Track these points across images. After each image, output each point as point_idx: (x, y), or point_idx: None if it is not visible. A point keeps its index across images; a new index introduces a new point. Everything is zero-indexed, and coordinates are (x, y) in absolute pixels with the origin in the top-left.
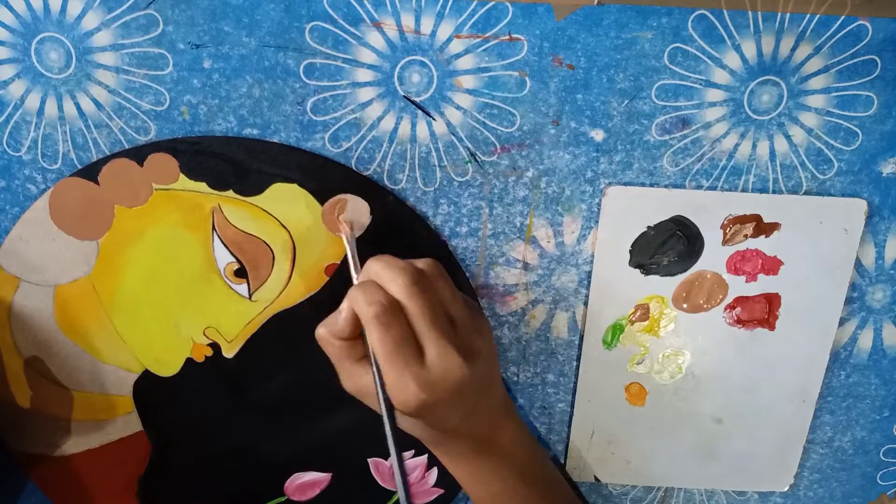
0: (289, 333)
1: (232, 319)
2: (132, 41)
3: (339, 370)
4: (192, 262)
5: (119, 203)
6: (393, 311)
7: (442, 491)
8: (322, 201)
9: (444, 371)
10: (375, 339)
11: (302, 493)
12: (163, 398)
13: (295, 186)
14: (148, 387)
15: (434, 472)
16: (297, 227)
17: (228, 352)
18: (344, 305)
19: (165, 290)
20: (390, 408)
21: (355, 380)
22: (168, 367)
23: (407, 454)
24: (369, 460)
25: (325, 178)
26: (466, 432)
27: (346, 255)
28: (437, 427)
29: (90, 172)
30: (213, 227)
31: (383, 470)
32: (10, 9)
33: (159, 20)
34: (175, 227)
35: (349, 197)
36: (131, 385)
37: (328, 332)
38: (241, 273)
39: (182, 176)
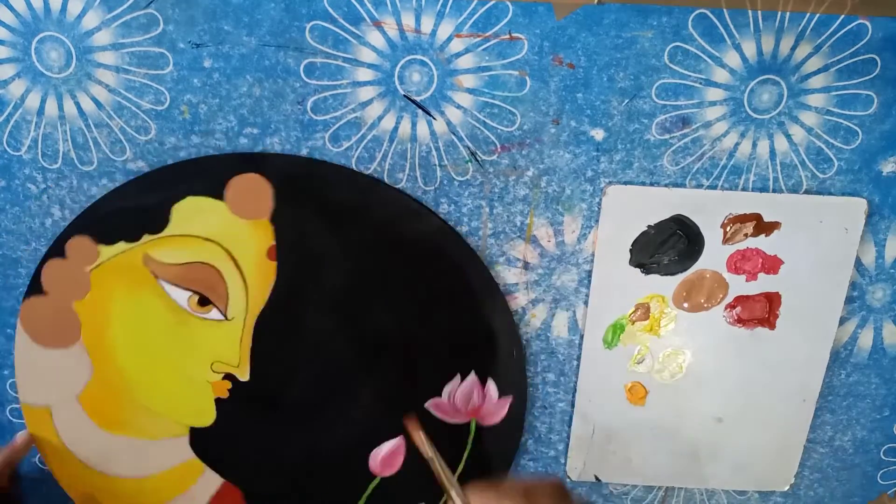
0: (281, 329)
1: (226, 345)
2: (132, 40)
3: None
4: (161, 314)
5: (73, 300)
6: None
7: (511, 398)
8: (218, 194)
9: None
10: None
11: (389, 466)
12: (220, 444)
13: (190, 199)
14: (202, 440)
15: (492, 383)
16: (218, 232)
17: (243, 375)
18: None
19: (157, 350)
20: None
21: None
22: (205, 415)
23: (454, 380)
24: (427, 405)
25: (206, 173)
26: None
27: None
28: None
29: (38, 285)
30: (154, 275)
31: (444, 408)
32: (11, 8)
33: (160, 19)
34: (127, 293)
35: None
36: (188, 448)
37: None
38: (203, 301)
39: (101, 247)
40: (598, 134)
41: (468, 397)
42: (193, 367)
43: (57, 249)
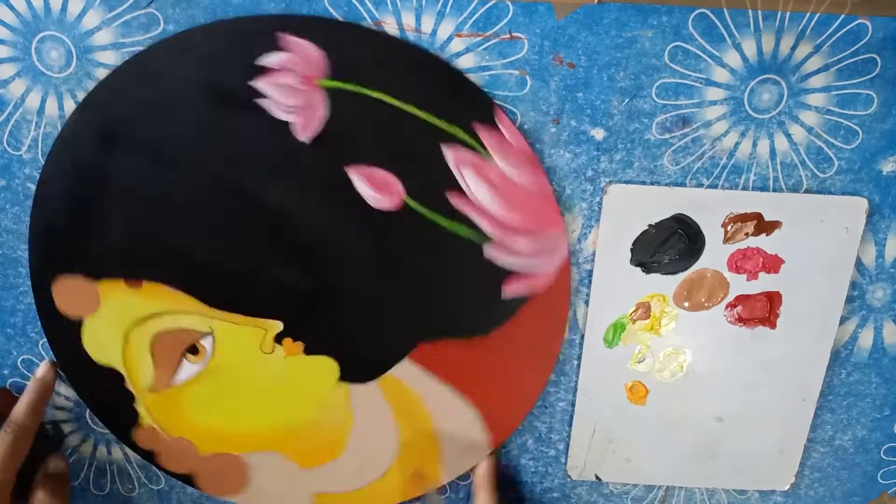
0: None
1: (259, 368)
2: (133, 40)
3: None
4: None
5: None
6: None
7: None
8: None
9: None
10: None
11: None
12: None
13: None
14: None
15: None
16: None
17: (276, 327)
18: None
19: (238, 416)
20: None
21: None
22: (329, 371)
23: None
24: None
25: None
26: None
27: None
28: None
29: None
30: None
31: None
32: (11, 7)
33: (160, 19)
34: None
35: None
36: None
37: None
38: (192, 350)
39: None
40: (599, 133)
41: None
42: (271, 409)
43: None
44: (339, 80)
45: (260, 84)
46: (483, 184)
